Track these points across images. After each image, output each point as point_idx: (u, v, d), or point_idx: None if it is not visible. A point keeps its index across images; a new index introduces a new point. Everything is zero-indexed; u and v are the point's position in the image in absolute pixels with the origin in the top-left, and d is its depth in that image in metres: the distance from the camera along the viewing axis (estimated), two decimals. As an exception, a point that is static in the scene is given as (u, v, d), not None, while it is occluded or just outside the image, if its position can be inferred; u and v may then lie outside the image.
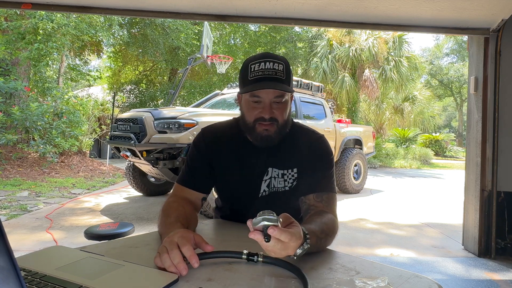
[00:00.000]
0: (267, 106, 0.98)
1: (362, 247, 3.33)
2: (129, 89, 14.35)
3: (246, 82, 0.99)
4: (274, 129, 1.00)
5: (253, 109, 1.00)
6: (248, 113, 1.02)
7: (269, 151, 1.07)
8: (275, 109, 0.99)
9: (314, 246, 0.78)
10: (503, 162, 2.98)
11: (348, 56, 12.90)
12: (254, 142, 1.05)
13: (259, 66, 0.97)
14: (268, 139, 1.01)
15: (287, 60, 1.02)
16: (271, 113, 0.99)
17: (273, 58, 0.98)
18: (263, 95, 0.98)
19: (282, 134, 1.04)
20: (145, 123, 4.16)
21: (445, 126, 36.52)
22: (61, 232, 3.46)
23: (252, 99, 0.99)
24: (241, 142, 1.09)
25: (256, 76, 0.96)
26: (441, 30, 3.07)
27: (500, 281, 2.53)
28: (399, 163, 13.46)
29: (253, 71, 0.97)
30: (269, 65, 0.97)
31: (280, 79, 0.97)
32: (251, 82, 0.97)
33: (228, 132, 1.12)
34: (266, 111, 0.98)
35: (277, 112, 0.99)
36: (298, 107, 5.77)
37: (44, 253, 0.78)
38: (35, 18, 7.60)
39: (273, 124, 1.00)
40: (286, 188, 1.06)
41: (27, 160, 7.45)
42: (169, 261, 0.68)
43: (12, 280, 0.34)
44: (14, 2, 2.74)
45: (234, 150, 1.10)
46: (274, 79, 0.96)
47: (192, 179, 1.08)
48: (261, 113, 0.99)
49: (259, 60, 0.98)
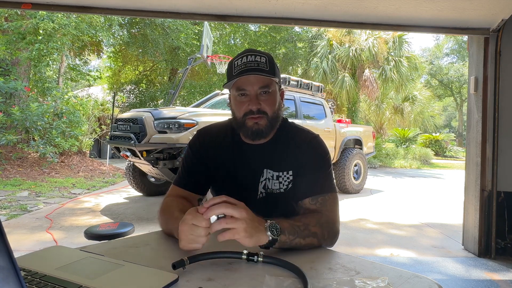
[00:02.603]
0: (253, 97, 0.99)
1: (362, 247, 3.33)
2: (129, 89, 14.36)
3: (230, 78, 1.00)
4: (264, 122, 1.00)
5: (240, 103, 1.01)
6: (237, 109, 1.03)
7: (264, 152, 1.06)
8: (262, 101, 1.00)
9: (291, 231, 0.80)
10: (503, 162, 2.98)
11: (348, 56, 12.90)
12: (246, 137, 1.04)
13: (241, 61, 0.99)
14: (259, 132, 1.01)
15: (270, 55, 1.02)
16: (258, 104, 0.99)
17: (255, 52, 1.00)
18: (248, 87, 0.99)
19: (274, 127, 1.04)
20: (145, 123, 4.16)
21: (445, 126, 36.51)
22: (61, 232, 3.46)
23: (239, 93, 1.01)
24: (237, 143, 1.09)
25: (239, 69, 0.98)
26: (441, 30, 3.07)
27: (500, 281, 2.53)
28: (399, 163, 13.46)
29: (237, 66, 0.99)
30: (251, 58, 0.98)
31: (263, 70, 0.97)
32: (235, 76, 0.98)
33: (223, 133, 1.12)
34: (253, 102, 0.99)
35: (264, 104, 1.00)
36: (298, 107, 5.77)
37: (44, 253, 0.78)
38: (36, 18, 7.60)
39: (262, 117, 1.00)
40: (281, 190, 1.05)
41: (27, 160, 7.45)
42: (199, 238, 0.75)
43: (12, 280, 0.34)
44: (14, 2, 2.74)
45: (229, 152, 1.09)
46: (256, 69, 0.97)
47: (188, 180, 1.09)
48: (248, 106, 0.99)
49: (241, 55, 1.00)
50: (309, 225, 0.86)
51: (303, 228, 0.84)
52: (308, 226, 0.85)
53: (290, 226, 0.81)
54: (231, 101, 1.07)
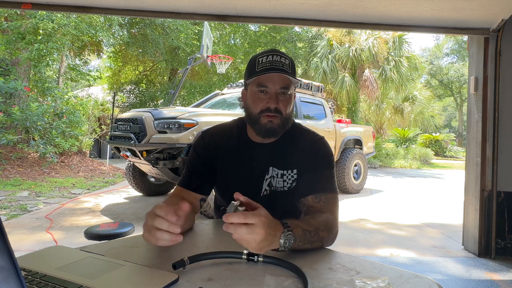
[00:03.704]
0: (274, 96, 1.01)
1: (362, 247, 3.33)
2: (129, 89, 14.35)
3: (253, 73, 1.01)
4: (278, 121, 1.02)
5: (259, 100, 1.02)
6: (253, 105, 1.04)
7: (270, 151, 1.08)
8: (281, 101, 1.02)
9: (302, 238, 0.79)
10: (503, 162, 2.98)
11: (348, 56, 12.90)
12: (258, 134, 1.06)
13: (267, 59, 1.00)
14: (272, 130, 1.03)
15: (293, 60, 1.05)
16: (277, 103, 1.01)
17: (280, 53, 1.02)
18: (270, 85, 1.01)
19: (285, 128, 1.06)
20: (145, 123, 4.16)
21: (445, 126, 36.51)
22: (61, 232, 3.46)
23: (259, 89, 1.02)
24: (242, 142, 1.11)
25: (264, 67, 0.99)
26: (441, 30, 3.07)
27: (500, 281, 2.53)
28: (399, 163, 13.46)
29: (261, 63, 1.00)
30: (277, 58, 1.00)
31: (286, 71, 0.99)
32: (259, 72, 1.00)
33: (228, 133, 1.14)
34: (272, 100, 1.01)
35: (281, 104, 1.02)
36: (298, 107, 5.77)
37: (44, 253, 0.78)
38: (36, 18, 7.60)
39: (277, 116, 1.02)
40: (285, 188, 1.07)
41: (27, 160, 7.44)
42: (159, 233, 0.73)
43: (13, 280, 0.34)
44: (14, 2, 2.74)
45: (234, 151, 1.11)
46: (281, 70, 0.99)
47: (191, 181, 1.10)
48: (267, 104, 1.01)
49: (266, 53, 1.02)
50: (319, 229, 0.86)
51: (313, 234, 0.84)
52: (318, 231, 0.85)
53: (302, 232, 0.80)
54: (247, 96, 1.08)
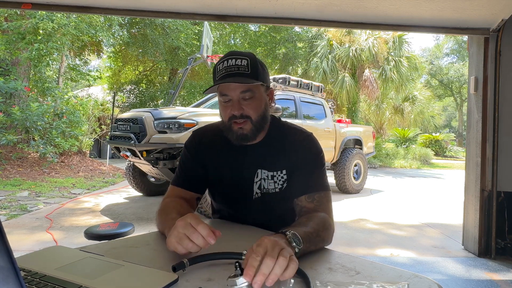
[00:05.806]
0: (236, 102, 0.98)
1: (362, 247, 3.33)
2: (129, 89, 14.35)
3: (214, 83, 1.00)
4: (248, 126, 1.00)
5: (225, 108, 1.01)
6: (223, 114, 1.03)
7: (257, 153, 1.06)
8: (245, 105, 0.99)
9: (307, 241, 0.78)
10: (503, 162, 2.98)
11: (348, 56, 12.90)
12: (233, 141, 1.04)
13: (223, 65, 0.98)
14: (243, 137, 1.01)
15: (253, 55, 1.01)
16: (241, 109, 0.98)
17: (236, 55, 0.98)
18: (230, 92, 0.98)
19: (260, 130, 1.04)
20: (145, 123, 4.16)
21: (445, 126, 36.51)
22: (61, 232, 3.46)
23: (222, 99, 1.01)
24: (229, 144, 1.08)
25: (221, 75, 0.97)
26: (441, 30, 3.07)
27: (500, 281, 2.53)
28: (399, 163, 13.46)
29: (218, 71, 0.98)
30: (232, 62, 0.97)
31: (243, 74, 0.96)
32: (218, 81, 0.98)
33: (218, 134, 1.11)
34: (235, 107, 0.98)
35: (247, 109, 0.99)
36: (298, 107, 5.77)
37: (44, 253, 0.78)
38: (35, 18, 7.59)
39: (246, 121, 0.99)
40: (277, 189, 1.05)
41: (27, 160, 7.44)
42: (191, 243, 0.72)
43: (12, 280, 0.34)
44: (14, 2, 2.73)
45: (224, 152, 1.09)
46: (236, 74, 0.96)
47: (185, 180, 1.09)
48: (231, 111, 0.99)
49: (223, 59, 0.99)
50: (319, 231, 0.86)
51: (315, 236, 0.84)
52: (319, 232, 0.85)
53: (305, 235, 0.79)
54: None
